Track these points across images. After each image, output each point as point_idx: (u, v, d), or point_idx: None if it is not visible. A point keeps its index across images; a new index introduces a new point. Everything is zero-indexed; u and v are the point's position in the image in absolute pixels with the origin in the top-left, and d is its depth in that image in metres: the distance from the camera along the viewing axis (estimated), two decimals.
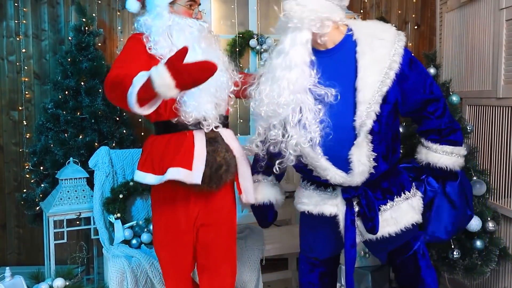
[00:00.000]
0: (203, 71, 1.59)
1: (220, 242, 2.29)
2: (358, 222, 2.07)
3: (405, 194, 2.11)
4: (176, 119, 2.12)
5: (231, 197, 2.33)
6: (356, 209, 2.06)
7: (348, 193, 2.05)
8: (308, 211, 2.16)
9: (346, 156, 1.96)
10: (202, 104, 2.10)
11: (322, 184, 2.11)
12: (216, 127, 2.17)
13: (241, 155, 2.22)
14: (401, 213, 2.08)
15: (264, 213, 2.35)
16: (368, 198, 2.04)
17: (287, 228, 3.53)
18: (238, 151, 2.22)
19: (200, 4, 2.24)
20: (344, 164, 1.97)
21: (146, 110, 1.76)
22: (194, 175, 2.04)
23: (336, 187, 2.07)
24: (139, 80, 1.69)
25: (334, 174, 1.98)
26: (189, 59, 1.99)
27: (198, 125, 2.13)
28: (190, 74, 1.59)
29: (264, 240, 3.20)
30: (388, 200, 2.08)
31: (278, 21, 2.01)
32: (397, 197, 2.09)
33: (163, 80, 1.59)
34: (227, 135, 2.22)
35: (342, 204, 2.07)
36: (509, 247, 3.00)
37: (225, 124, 2.26)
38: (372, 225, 2.02)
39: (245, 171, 2.24)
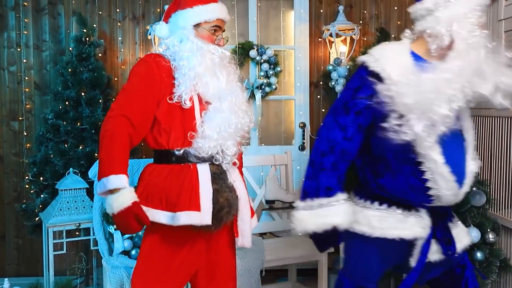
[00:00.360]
0: (125, 230, 1.92)
1: (218, 285, 2.15)
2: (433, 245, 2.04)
3: (455, 216, 2.16)
4: (181, 150, 2.00)
5: (230, 238, 2.18)
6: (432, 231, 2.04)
7: (435, 214, 2.02)
8: (400, 238, 2.00)
9: (464, 170, 1.97)
10: (225, 139, 2.02)
11: (407, 207, 2.03)
12: (234, 163, 2.09)
13: (244, 196, 2.11)
14: (462, 234, 2.10)
15: (336, 237, 2.10)
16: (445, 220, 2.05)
17: (287, 239, 3.52)
18: (242, 191, 2.11)
19: (224, 31, 2.16)
20: (460, 178, 1.95)
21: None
22: (203, 216, 1.94)
23: (421, 209, 2.02)
24: (112, 183, 1.86)
25: (452, 190, 1.93)
26: (213, 86, 2.02)
27: (203, 158, 2.01)
28: (120, 225, 1.90)
29: (264, 251, 3.19)
30: (448, 222, 2.09)
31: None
32: (454, 218, 2.13)
33: (108, 208, 1.89)
34: (233, 173, 2.11)
35: (428, 227, 2.01)
36: (510, 258, 2.99)
37: None
38: (454, 248, 2.02)
39: (245, 214, 2.12)
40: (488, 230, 2.94)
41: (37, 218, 3.63)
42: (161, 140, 2.01)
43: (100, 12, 4.10)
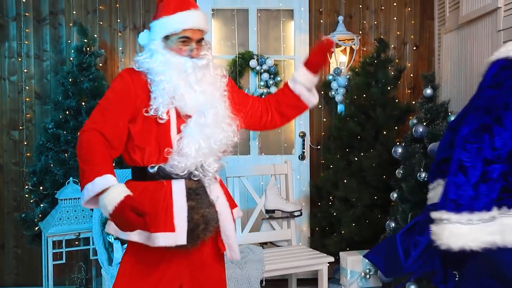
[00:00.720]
0: (126, 227, 1.78)
1: None
2: None
3: None
4: (155, 167, 1.94)
5: (215, 251, 2.08)
6: None
7: None
8: None
9: None
10: (205, 156, 1.94)
11: None
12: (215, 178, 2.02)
13: (226, 211, 2.03)
14: None
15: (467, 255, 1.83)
16: None
17: (287, 248, 3.52)
18: (223, 204, 2.03)
19: (202, 39, 2.02)
20: None
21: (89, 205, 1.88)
22: (178, 236, 1.89)
23: None
24: (99, 184, 1.78)
25: None
26: (189, 98, 1.94)
27: (179, 174, 1.94)
28: (120, 223, 1.77)
29: (264, 260, 3.18)
30: None
31: None
32: None
33: (103, 210, 1.79)
34: (214, 189, 2.03)
35: None
36: None
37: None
38: None
39: (228, 227, 2.03)
40: None
41: (36, 228, 3.62)
42: (135, 156, 1.96)
43: (101, 22, 4.12)
